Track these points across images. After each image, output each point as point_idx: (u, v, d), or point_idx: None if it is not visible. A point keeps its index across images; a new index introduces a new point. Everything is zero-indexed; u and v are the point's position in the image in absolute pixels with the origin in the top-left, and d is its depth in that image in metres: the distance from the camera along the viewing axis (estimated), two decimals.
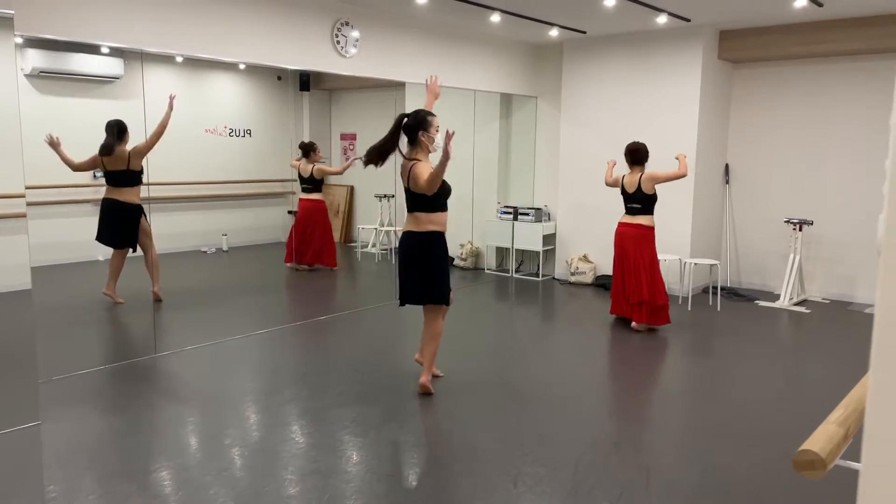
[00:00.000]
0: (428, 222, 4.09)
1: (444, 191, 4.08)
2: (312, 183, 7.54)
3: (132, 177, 5.75)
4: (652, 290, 5.67)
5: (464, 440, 3.63)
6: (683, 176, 5.51)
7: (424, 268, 4.14)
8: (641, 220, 5.65)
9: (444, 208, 4.13)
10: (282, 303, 7.22)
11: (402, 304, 4.24)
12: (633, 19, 6.45)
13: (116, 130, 5.66)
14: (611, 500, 3.02)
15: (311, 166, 7.49)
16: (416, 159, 4.05)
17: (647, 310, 5.69)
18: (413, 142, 4.09)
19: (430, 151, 4.09)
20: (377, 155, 4.07)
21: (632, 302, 5.77)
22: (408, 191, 4.08)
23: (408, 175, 4.03)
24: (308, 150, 7.54)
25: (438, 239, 4.13)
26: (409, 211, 4.13)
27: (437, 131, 4.07)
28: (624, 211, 5.76)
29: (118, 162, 5.69)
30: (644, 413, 4.15)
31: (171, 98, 5.65)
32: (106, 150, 5.65)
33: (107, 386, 4.37)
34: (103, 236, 5.86)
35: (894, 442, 0.75)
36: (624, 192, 5.70)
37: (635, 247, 5.67)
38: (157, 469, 3.24)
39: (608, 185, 5.91)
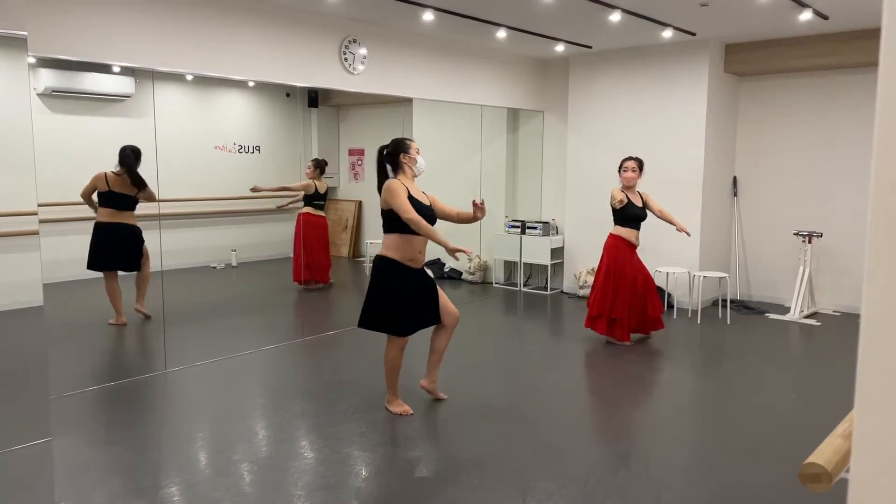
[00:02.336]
0: (382, 244, 4.13)
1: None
2: (324, 199, 7.68)
3: (133, 203, 5.80)
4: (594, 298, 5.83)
5: (473, 455, 3.62)
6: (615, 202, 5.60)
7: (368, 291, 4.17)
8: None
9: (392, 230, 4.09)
10: (291, 318, 7.24)
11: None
12: (638, 34, 6.48)
13: (135, 158, 5.65)
14: None
15: (324, 183, 7.65)
16: (392, 178, 4.11)
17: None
18: (396, 167, 4.13)
19: (414, 174, 4.13)
20: (379, 189, 4.17)
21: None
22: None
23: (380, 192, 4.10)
24: (324, 166, 7.70)
25: (379, 262, 4.11)
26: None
27: (417, 153, 4.12)
28: None
29: (129, 187, 5.74)
30: (654, 427, 4.13)
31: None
32: (138, 182, 5.68)
33: (117, 402, 4.39)
34: (104, 262, 5.80)
35: (881, 450, 0.76)
36: None
37: None
38: (167, 485, 3.24)
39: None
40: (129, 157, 5.68)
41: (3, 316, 4.21)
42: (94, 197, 5.79)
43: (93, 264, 5.81)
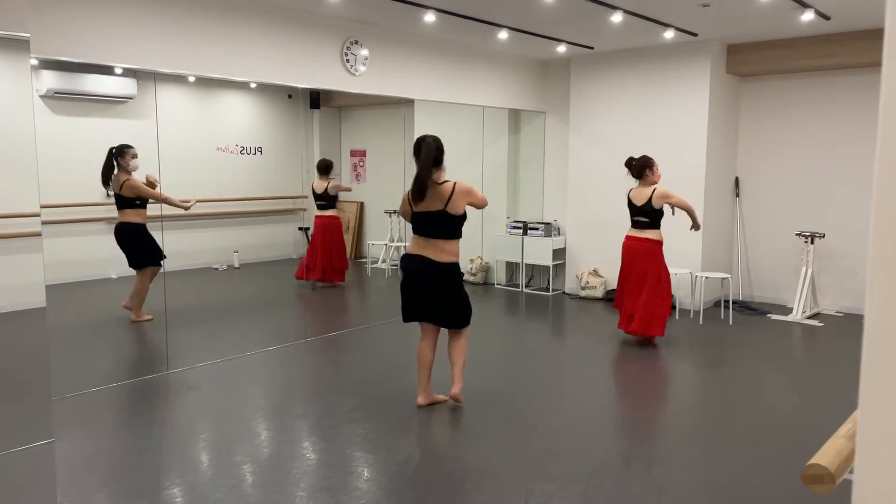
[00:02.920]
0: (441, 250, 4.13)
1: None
2: (327, 200, 7.65)
3: (126, 201, 5.85)
4: (652, 302, 5.57)
5: (474, 457, 3.62)
6: (689, 210, 5.53)
7: (449, 294, 4.19)
8: (649, 234, 5.57)
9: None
10: (293, 319, 7.24)
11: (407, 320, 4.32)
12: (640, 35, 6.48)
13: (114, 156, 5.77)
14: None
15: (326, 183, 7.61)
16: (446, 180, 4.12)
17: (640, 319, 5.59)
18: (438, 165, 4.13)
19: None
20: (423, 187, 4.05)
21: (628, 313, 5.69)
22: (446, 215, 4.05)
23: (449, 196, 4.03)
24: (327, 168, 7.67)
25: (457, 268, 4.20)
26: (434, 237, 4.10)
27: None
28: (630, 224, 5.72)
29: (115, 186, 5.82)
30: (656, 428, 4.13)
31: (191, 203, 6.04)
32: (103, 177, 5.78)
33: (120, 403, 4.40)
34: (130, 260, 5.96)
35: (885, 451, 0.76)
36: (631, 205, 5.65)
37: (643, 261, 5.58)
38: (169, 486, 3.25)
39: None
40: (108, 156, 5.75)
41: (6, 317, 4.21)
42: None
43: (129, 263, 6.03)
